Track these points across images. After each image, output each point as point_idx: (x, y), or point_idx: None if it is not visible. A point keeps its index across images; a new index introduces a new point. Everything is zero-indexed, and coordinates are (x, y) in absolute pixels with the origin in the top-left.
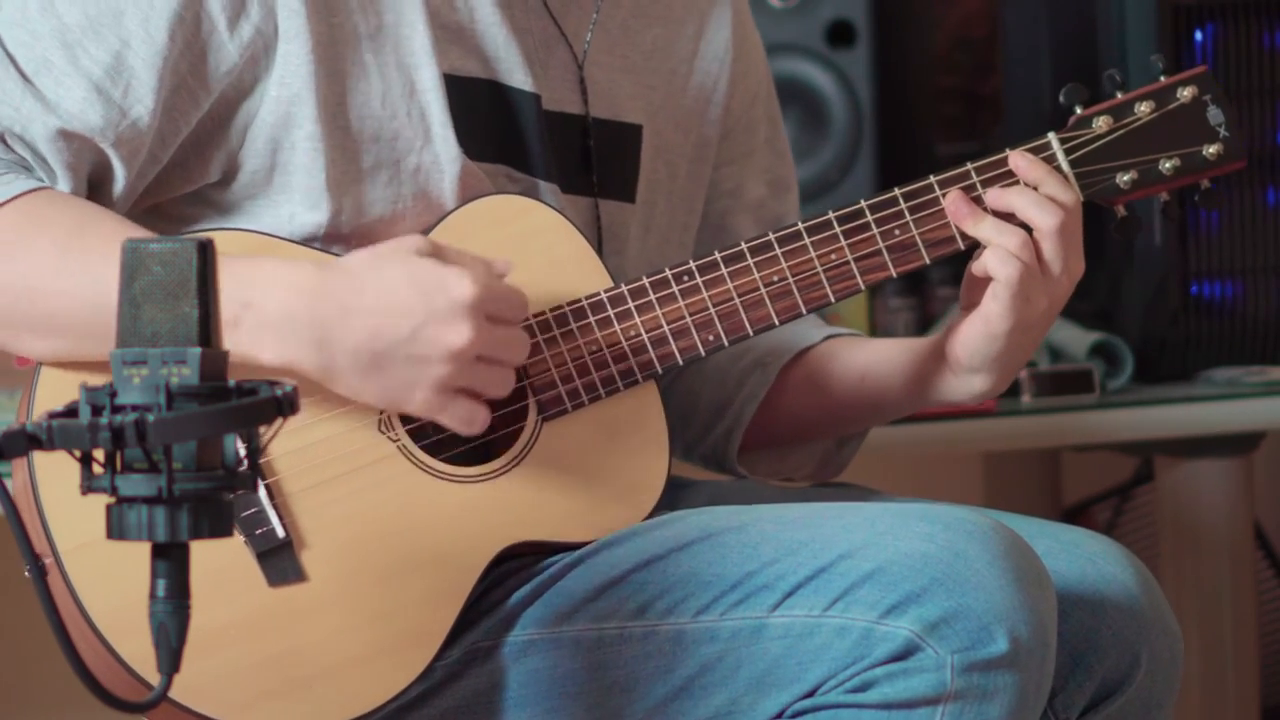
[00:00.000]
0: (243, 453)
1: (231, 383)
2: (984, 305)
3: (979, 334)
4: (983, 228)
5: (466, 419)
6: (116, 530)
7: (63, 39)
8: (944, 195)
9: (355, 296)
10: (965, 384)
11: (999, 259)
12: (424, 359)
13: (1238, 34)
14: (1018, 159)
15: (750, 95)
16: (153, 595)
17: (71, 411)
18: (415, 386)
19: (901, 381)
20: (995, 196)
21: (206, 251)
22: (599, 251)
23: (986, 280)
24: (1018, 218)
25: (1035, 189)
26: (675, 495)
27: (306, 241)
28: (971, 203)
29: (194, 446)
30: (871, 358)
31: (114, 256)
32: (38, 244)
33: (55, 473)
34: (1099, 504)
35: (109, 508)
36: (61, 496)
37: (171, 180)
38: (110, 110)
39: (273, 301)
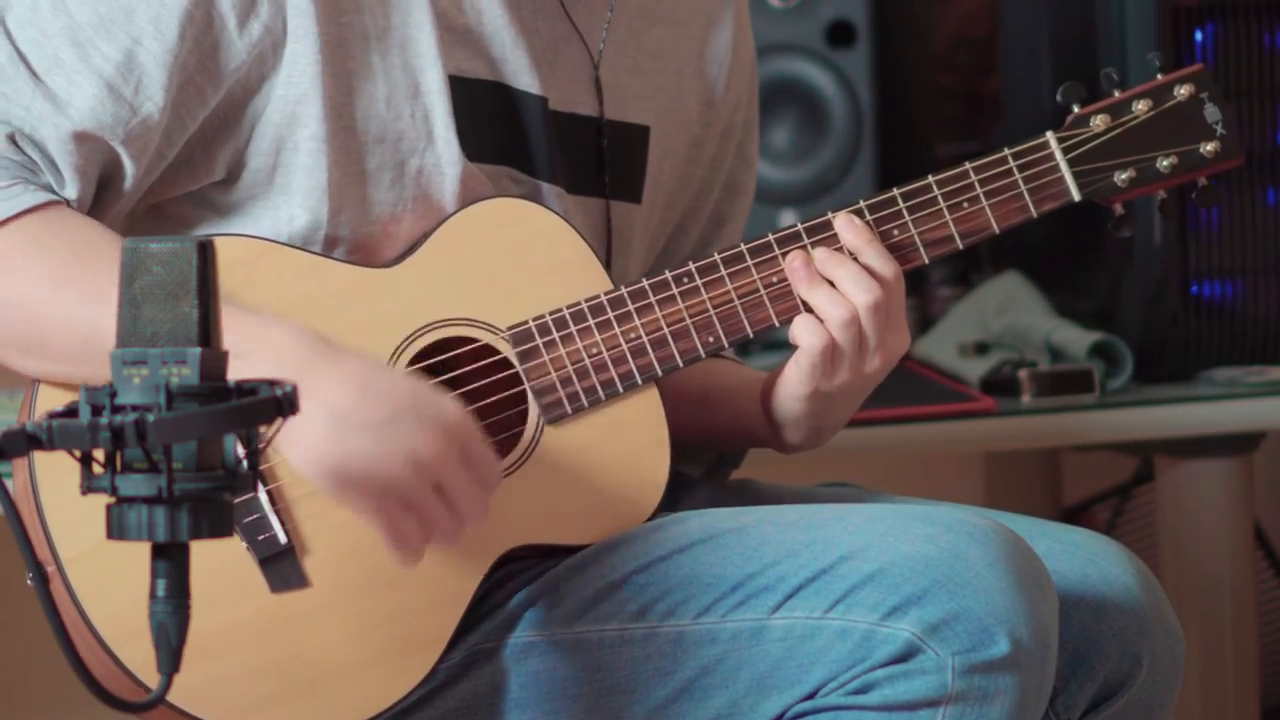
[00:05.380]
0: (243, 453)
1: (231, 383)
2: (786, 367)
3: (780, 392)
4: (815, 295)
5: (402, 536)
6: (116, 530)
7: (74, 37)
8: (783, 255)
9: (348, 368)
10: (777, 433)
11: (807, 328)
12: (387, 448)
13: (1238, 34)
14: (841, 222)
15: (735, 100)
16: (152, 595)
17: (71, 411)
18: (368, 473)
19: (732, 411)
20: (822, 260)
21: (206, 252)
22: (608, 253)
23: None
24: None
25: (855, 258)
26: (676, 496)
27: (305, 244)
28: (811, 267)
29: (194, 446)
30: (717, 383)
31: (108, 291)
32: (35, 269)
33: (57, 479)
34: (1099, 504)
35: (109, 508)
36: (63, 503)
37: (176, 178)
38: (121, 108)
39: (264, 352)
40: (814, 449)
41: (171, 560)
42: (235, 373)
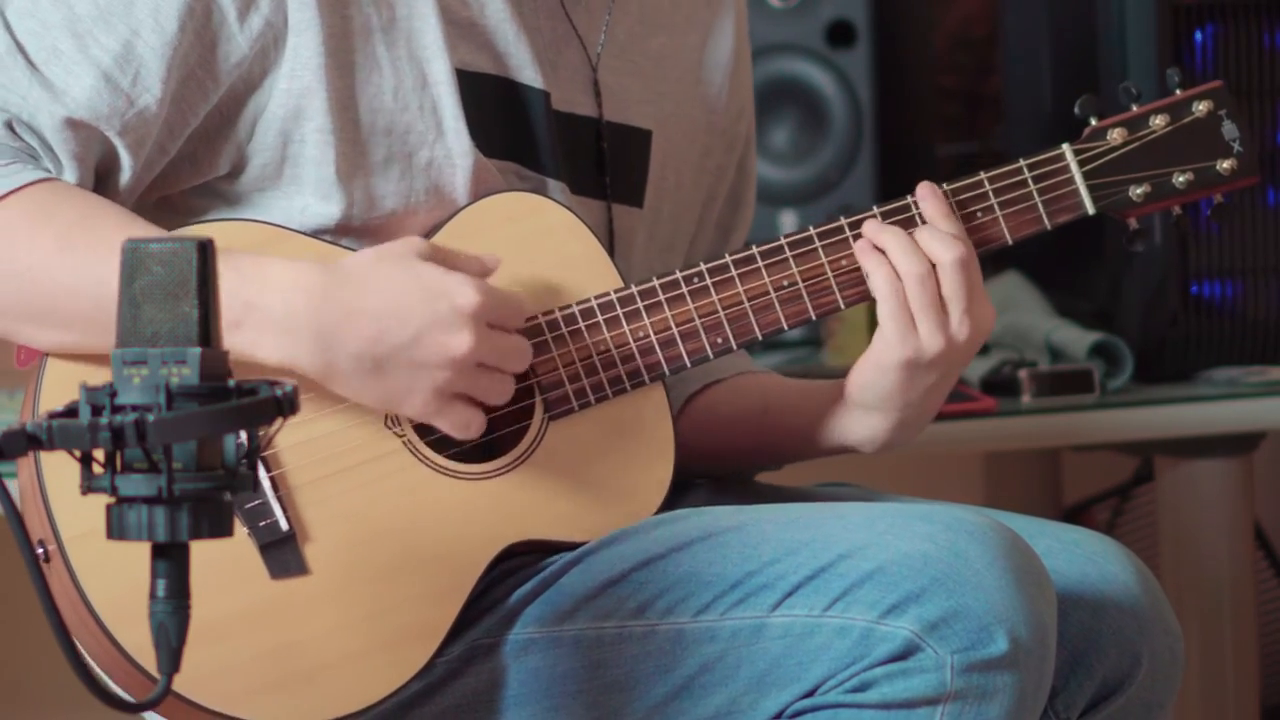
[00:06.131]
0: (243, 452)
1: (231, 383)
2: (875, 335)
3: (870, 364)
4: (892, 249)
5: (463, 424)
6: (116, 530)
7: (73, 28)
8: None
9: (359, 299)
10: (862, 422)
11: (883, 277)
12: (424, 364)
13: (1238, 34)
14: (924, 190)
15: (738, 110)
16: (153, 595)
17: (71, 411)
18: (414, 391)
19: (803, 417)
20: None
21: (206, 251)
22: (610, 254)
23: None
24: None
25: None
26: (675, 495)
27: (318, 234)
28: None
29: (194, 446)
30: (777, 391)
31: (117, 252)
32: (41, 236)
33: (60, 461)
34: (1099, 504)
35: (109, 508)
36: (67, 485)
37: (180, 173)
38: (117, 99)
39: (276, 302)
40: (900, 448)
41: (172, 560)
42: (249, 323)
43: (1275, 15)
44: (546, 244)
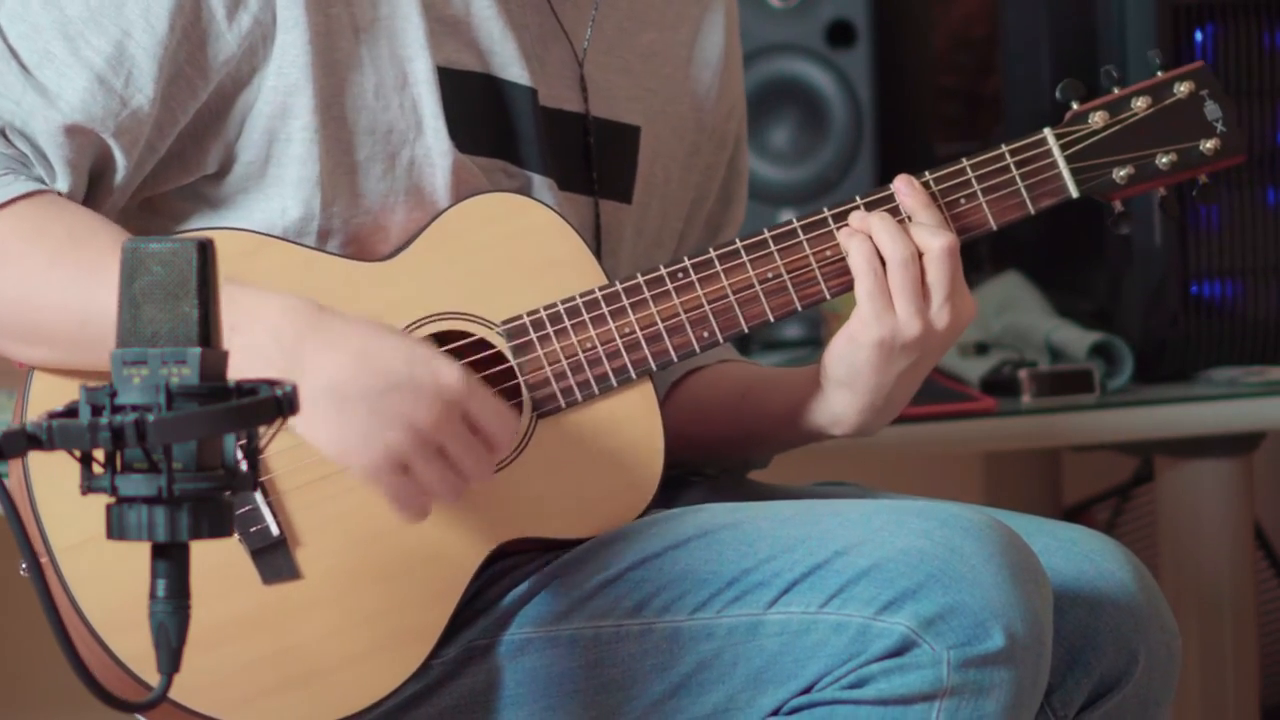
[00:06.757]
0: (242, 453)
1: (231, 383)
2: (853, 313)
3: (844, 337)
4: (878, 232)
5: (405, 500)
6: (117, 530)
7: (64, 31)
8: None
9: (344, 339)
10: (832, 398)
11: (861, 256)
12: (384, 419)
13: (1238, 34)
14: (900, 184)
15: (728, 108)
16: (152, 595)
17: (71, 411)
18: (366, 443)
19: (779, 397)
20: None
21: (206, 251)
22: (597, 252)
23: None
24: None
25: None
26: (671, 493)
27: (298, 236)
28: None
29: (194, 446)
30: (756, 376)
31: (105, 271)
32: (30, 253)
33: (50, 472)
34: (1099, 504)
35: (109, 508)
36: (56, 495)
37: (169, 172)
38: (111, 100)
39: (261, 326)
40: (868, 435)
41: (171, 560)
42: (232, 347)
43: (1275, 15)
44: (530, 244)
